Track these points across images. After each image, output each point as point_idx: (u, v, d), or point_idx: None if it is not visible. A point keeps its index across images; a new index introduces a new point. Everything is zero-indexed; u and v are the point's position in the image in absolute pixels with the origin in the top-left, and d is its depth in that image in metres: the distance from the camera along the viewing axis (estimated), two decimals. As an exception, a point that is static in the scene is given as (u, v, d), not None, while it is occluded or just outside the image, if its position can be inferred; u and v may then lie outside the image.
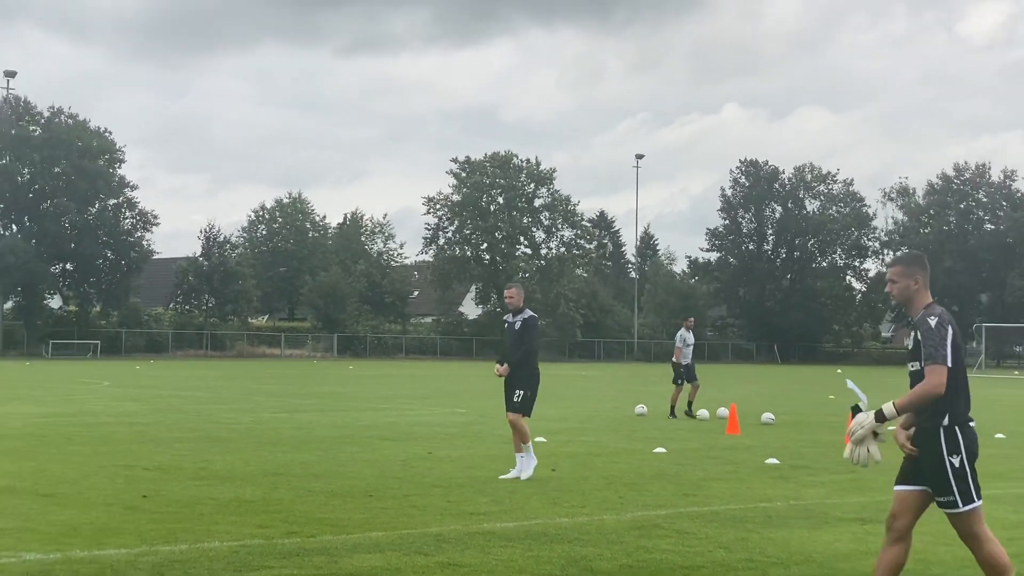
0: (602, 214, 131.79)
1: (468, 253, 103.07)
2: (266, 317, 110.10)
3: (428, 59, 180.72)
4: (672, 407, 27.55)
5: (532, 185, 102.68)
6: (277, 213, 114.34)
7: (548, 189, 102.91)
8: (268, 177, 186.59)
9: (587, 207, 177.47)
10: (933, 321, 7.25)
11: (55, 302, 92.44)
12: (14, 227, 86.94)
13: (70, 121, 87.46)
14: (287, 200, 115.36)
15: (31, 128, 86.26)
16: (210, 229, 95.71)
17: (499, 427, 23.17)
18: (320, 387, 41.03)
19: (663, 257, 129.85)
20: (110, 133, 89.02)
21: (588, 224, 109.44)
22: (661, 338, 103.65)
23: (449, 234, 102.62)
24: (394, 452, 17.80)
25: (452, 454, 17.70)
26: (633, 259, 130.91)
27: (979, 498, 7.23)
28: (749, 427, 23.81)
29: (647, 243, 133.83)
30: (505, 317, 15.73)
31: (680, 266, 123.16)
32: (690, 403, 27.73)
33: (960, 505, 7.18)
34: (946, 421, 7.20)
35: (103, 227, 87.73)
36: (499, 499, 12.99)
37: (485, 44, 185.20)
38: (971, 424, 7.31)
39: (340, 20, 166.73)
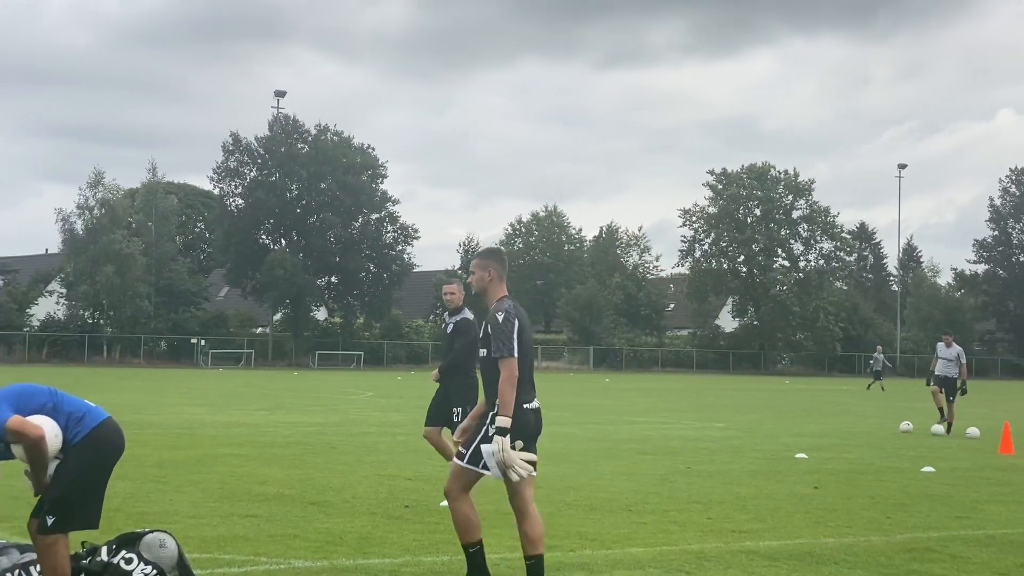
0: (862, 226, 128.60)
1: (724, 266, 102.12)
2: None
3: (686, 70, 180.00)
4: (948, 423, 26.53)
5: (790, 197, 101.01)
6: (534, 227, 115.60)
7: (806, 201, 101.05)
8: (525, 191, 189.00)
9: (847, 219, 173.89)
10: (501, 316, 8.21)
11: (321, 314, 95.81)
12: (283, 241, 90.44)
13: (335, 138, 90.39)
14: (543, 214, 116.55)
15: (299, 146, 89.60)
16: (469, 242, 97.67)
17: (760, 442, 22.73)
18: (577, 399, 41.12)
19: (927, 269, 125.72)
20: (373, 149, 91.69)
21: (848, 236, 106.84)
22: (925, 352, 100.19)
23: (705, 247, 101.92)
24: (653, 466, 17.61)
25: (711, 469, 17.38)
26: (895, 272, 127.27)
27: (479, 467, 8.27)
28: (1024, 447, 22.68)
29: (910, 255, 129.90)
30: (444, 316, 13.86)
31: (945, 279, 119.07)
32: (949, 422, 26.61)
33: (465, 460, 8.34)
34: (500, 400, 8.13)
35: (366, 241, 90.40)
36: (761, 517, 12.67)
37: (744, 54, 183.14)
38: (525, 406, 8.28)
39: (597, 33, 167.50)
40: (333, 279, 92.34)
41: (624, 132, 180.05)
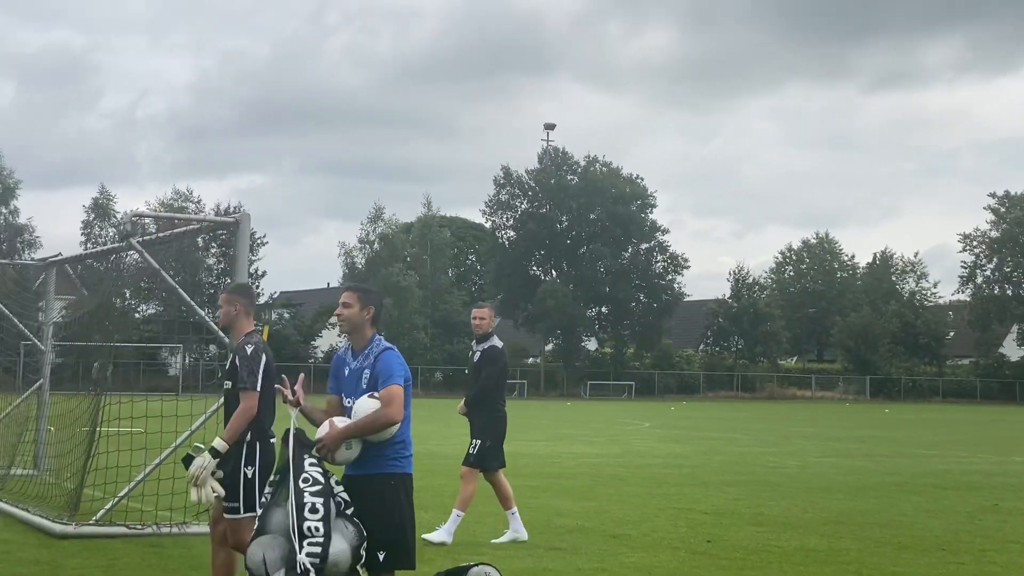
0: None
1: (1009, 292, 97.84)
2: (795, 359, 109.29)
3: (962, 89, 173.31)
4: None
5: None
6: (804, 254, 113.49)
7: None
8: (794, 217, 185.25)
9: None
10: (250, 349, 8.20)
11: (591, 344, 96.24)
12: (553, 272, 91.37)
13: (604, 169, 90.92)
14: (814, 240, 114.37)
15: (568, 177, 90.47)
16: (738, 271, 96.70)
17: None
18: (859, 431, 39.96)
19: None
20: (641, 179, 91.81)
21: None
22: None
23: (988, 272, 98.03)
24: (956, 502, 16.85)
25: (1022, 507, 16.51)
26: None
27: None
28: None
29: None
30: (472, 345, 13.08)
31: None
32: None
33: (241, 512, 8.04)
34: (249, 437, 8.12)
35: (636, 271, 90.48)
36: (1088, 559, 11.90)
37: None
38: (271, 440, 8.20)
39: (867, 55, 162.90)
40: (603, 309, 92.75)
41: (896, 155, 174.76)
